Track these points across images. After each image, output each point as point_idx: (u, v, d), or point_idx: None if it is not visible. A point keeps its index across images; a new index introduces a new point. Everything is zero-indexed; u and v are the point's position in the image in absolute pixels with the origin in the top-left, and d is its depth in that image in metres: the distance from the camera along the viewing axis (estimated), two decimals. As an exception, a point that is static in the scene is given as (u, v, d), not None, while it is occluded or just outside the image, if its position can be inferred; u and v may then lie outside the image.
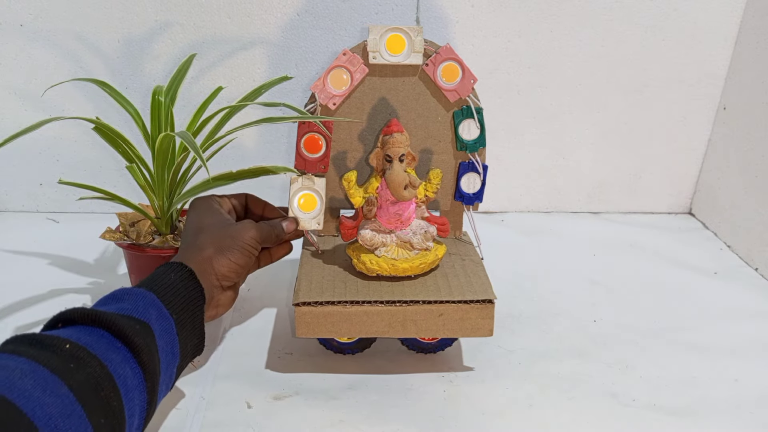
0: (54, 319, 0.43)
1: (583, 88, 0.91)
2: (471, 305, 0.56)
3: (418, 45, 0.61)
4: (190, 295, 0.49)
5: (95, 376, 0.38)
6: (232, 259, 0.54)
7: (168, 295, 0.48)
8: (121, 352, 0.41)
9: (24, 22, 0.85)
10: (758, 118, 0.84)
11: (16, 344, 0.38)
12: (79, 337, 0.40)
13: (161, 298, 0.47)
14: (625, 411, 0.56)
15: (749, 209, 0.86)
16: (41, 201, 0.95)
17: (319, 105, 0.62)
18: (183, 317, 0.48)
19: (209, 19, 0.85)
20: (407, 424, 0.54)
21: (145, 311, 0.45)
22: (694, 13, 0.87)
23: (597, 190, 0.98)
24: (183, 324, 0.48)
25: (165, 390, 0.47)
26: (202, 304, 0.50)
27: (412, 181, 0.58)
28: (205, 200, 0.59)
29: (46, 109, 0.89)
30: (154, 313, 0.46)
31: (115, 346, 0.41)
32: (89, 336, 0.41)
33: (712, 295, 0.77)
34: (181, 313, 0.48)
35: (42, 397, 0.35)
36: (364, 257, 0.59)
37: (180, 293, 0.49)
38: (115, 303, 0.45)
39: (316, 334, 0.57)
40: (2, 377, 0.35)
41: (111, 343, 0.41)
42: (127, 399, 0.40)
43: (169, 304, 0.47)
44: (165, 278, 0.49)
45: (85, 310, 0.42)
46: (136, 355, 0.42)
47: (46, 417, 0.34)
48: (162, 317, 0.46)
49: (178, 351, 0.48)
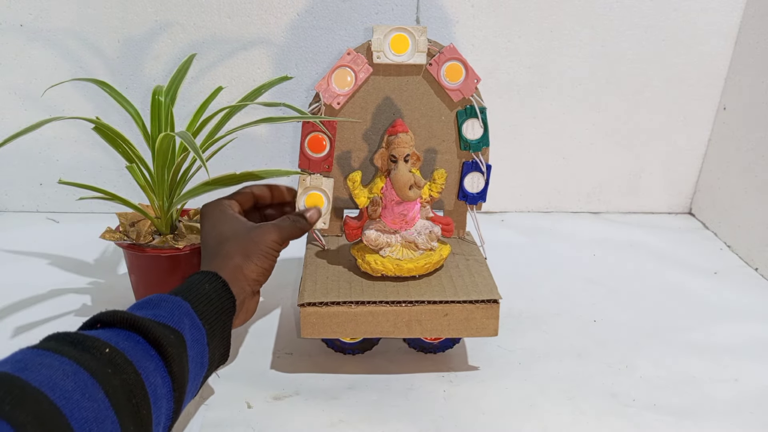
0: (93, 320, 0.43)
1: (583, 88, 0.91)
2: (476, 305, 0.56)
3: (422, 45, 0.61)
4: (222, 305, 0.50)
5: (129, 383, 0.39)
6: (259, 264, 0.54)
7: (201, 306, 0.48)
8: (155, 360, 0.42)
9: (24, 22, 0.85)
10: (758, 118, 0.84)
11: (58, 342, 0.39)
12: (117, 341, 0.41)
13: (195, 308, 0.48)
14: (625, 411, 0.56)
15: (749, 209, 0.86)
16: (41, 201, 0.95)
17: (324, 104, 0.62)
18: (214, 327, 0.49)
19: (209, 19, 0.85)
20: (407, 424, 0.54)
21: (179, 320, 0.46)
22: (694, 13, 0.87)
23: (597, 190, 0.98)
24: (214, 334, 0.49)
25: (190, 398, 0.47)
26: (232, 315, 0.51)
27: (417, 182, 0.58)
28: (217, 206, 0.59)
29: (46, 109, 0.89)
30: (188, 322, 0.46)
31: (150, 354, 0.42)
32: (126, 341, 0.41)
33: (712, 295, 0.77)
34: (213, 323, 0.49)
35: (81, 400, 0.35)
36: (368, 257, 0.59)
37: (213, 303, 0.49)
38: (151, 309, 0.46)
39: (322, 334, 0.57)
40: (46, 376, 0.35)
41: (146, 350, 0.42)
42: (156, 407, 0.41)
43: (202, 314, 0.48)
44: (200, 288, 0.50)
45: (124, 314, 0.43)
46: (167, 364, 0.42)
47: (83, 420, 0.35)
48: (195, 327, 0.47)
49: (207, 361, 0.48)
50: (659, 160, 0.97)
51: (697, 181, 0.98)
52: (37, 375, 0.35)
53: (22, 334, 0.65)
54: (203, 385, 0.50)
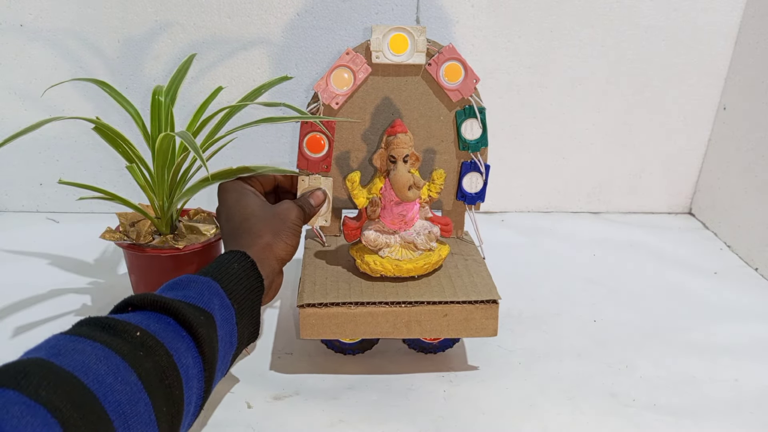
0: (124, 302, 0.44)
1: (583, 88, 0.91)
2: (475, 305, 0.56)
3: (421, 45, 0.61)
4: (251, 284, 0.51)
5: (162, 365, 0.40)
6: (287, 242, 0.55)
7: (231, 285, 0.49)
8: (186, 341, 0.42)
9: (24, 22, 0.85)
10: (758, 118, 0.84)
11: (90, 327, 0.39)
12: (148, 324, 0.41)
13: (224, 287, 0.48)
14: (625, 411, 0.56)
15: (749, 209, 0.86)
16: (41, 201, 0.95)
17: (322, 104, 0.62)
18: (243, 307, 0.50)
19: (209, 19, 0.85)
20: (407, 424, 0.54)
21: (209, 301, 0.46)
22: (694, 13, 0.87)
23: (597, 190, 0.98)
24: (243, 313, 0.49)
25: (220, 377, 0.48)
26: (261, 294, 0.52)
27: (416, 182, 0.58)
28: (238, 183, 0.60)
29: (46, 109, 0.89)
30: (218, 302, 0.47)
31: (180, 335, 0.42)
32: (157, 323, 0.42)
33: (712, 295, 0.77)
34: (242, 302, 0.49)
35: (113, 384, 0.36)
36: (368, 258, 0.59)
37: (242, 283, 0.50)
38: (181, 290, 0.46)
39: (321, 335, 0.57)
40: (79, 361, 0.36)
41: (177, 331, 0.42)
42: (188, 387, 0.41)
43: (232, 293, 0.49)
44: (229, 268, 0.50)
45: (155, 297, 0.43)
46: (198, 345, 0.43)
47: (116, 403, 0.36)
48: (224, 307, 0.47)
49: (236, 340, 0.49)
50: (659, 160, 0.97)
51: (697, 181, 0.98)
52: (70, 360, 0.36)
53: (22, 334, 0.65)
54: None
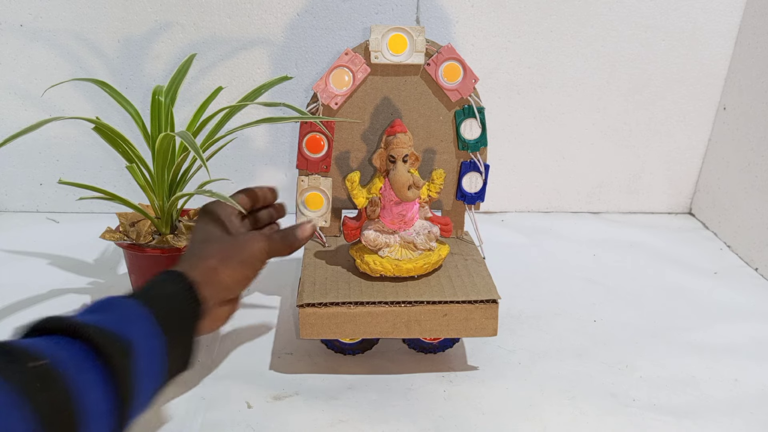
0: (33, 326, 0.39)
1: (583, 88, 0.91)
2: (475, 305, 0.56)
3: (419, 45, 0.61)
4: (186, 309, 0.46)
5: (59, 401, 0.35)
6: (237, 270, 0.50)
7: (162, 310, 0.44)
8: (96, 372, 0.38)
9: (24, 22, 0.85)
10: (758, 118, 0.84)
11: None
12: (54, 351, 0.37)
13: (155, 312, 0.43)
14: (625, 411, 0.56)
15: (749, 209, 0.86)
16: (41, 201, 0.95)
17: (321, 105, 0.62)
18: (174, 333, 0.45)
19: (209, 19, 0.85)
20: (407, 424, 0.54)
21: (129, 326, 0.41)
22: (694, 13, 0.87)
23: (597, 190, 0.98)
24: (174, 342, 0.44)
25: (139, 411, 0.42)
26: (197, 320, 0.47)
27: (415, 182, 0.58)
28: (215, 208, 0.55)
29: (46, 109, 0.89)
30: (141, 328, 0.42)
31: (90, 365, 0.38)
32: (65, 350, 0.37)
33: (712, 295, 0.77)
34: (174, 330, 0.45)
35: None
36: (367, 258, 0.59)
37: (175, 307, 0.45)
38: (101, 313, 0.42)
39: (321, 335, 0.57)
40: None
41: (86, 359, 0.38)
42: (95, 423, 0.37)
43: (163, 319, 0.44)
44: (161, 289, 0.46)
45: (68, 320, 0.39)
46: (112, 376, 0.38)
47: None
48: (150, 335, 0.43)
49: (165, 371, 0.44)
50: (659, 160, 0.97)
51: (697, 181, 0.98)
52: None
53: (22, 334, 0.65)
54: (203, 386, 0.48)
